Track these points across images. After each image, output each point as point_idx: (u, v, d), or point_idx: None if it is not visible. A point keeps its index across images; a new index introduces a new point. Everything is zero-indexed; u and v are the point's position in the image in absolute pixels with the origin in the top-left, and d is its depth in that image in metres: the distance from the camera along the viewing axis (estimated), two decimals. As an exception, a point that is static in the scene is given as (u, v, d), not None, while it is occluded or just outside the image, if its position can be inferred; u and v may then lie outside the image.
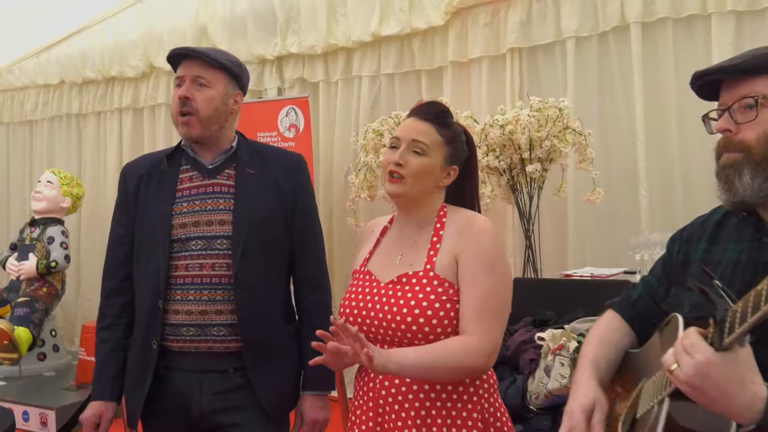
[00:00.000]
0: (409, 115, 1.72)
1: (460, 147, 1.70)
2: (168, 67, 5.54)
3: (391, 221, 1.81)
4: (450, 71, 4.22)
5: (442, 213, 1.67)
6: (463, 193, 1.73)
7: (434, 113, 1.68)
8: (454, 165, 1.68)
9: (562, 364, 2.45)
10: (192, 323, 1.91)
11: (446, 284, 1.55)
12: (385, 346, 1.57)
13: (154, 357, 1.93)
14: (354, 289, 1.69)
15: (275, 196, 2.00)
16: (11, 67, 6.41)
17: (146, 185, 2.05)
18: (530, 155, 3.38)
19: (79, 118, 6.12)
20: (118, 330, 2.02)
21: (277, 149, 2.18)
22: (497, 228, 1.67)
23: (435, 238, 1.63)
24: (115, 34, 5.65)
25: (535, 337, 2.58)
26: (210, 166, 2.02)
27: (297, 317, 2.07)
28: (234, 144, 2.06)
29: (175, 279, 1.94)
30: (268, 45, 4.88)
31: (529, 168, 3.37)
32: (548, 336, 2.55)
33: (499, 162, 3.43)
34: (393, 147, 1.68)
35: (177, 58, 2.03)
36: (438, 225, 1.65)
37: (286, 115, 4.46)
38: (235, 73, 2.04)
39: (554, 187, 3.52)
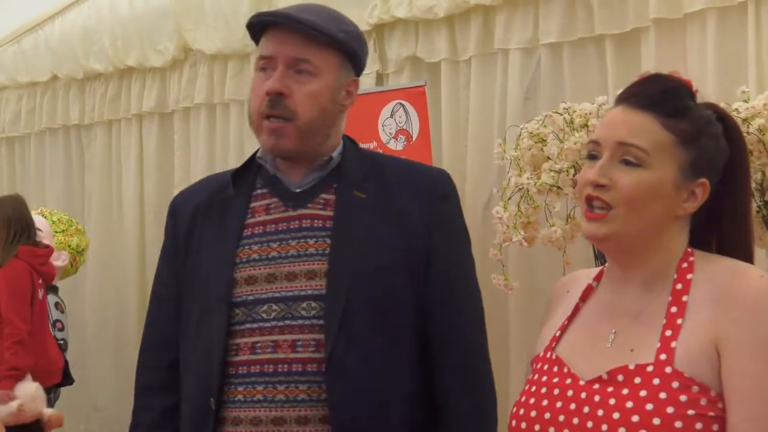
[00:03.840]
0: (616, 103, 1.68)
1: (710, 144, 1.64)
2: (213, 48, 5.64)
3: (598, 276, 1.77)
4: (652, 35, 4.14)
5: (685, 265, 1.62)
6: (719, 225, 1.68)
7: (656, 94, 1.63)
8: (700, 178, 1.62)
9: None
10: None
11: (695, 388, 1.48)
12: None
13: None
14: (533, 389, 1.66)
15: (399, 235, 2.01)
16: (-20, 58, 6.79)
17: (204, 220, 2.10)
18: (796, 166, 3.25)
19: (80, 131, 6.39)
20: None
21: (406, 162, 2.22)
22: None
23: (674, 308, 1.57)
24: (133, 2, 5.89)
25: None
26: (297, 190, 2.06)
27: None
28: (336, 154, 2.09)
29: (236, 367, 1.96)
30: (363, 9, 4.94)
31: (794, 187, 3.24)
32: None
33: (742, 178, 3.33)
34: (591, 157, 1.65)
35: (262, 25, 2.05)
36: (679, 286, 1.59)
37: (391, 116, 4.50)
38: (352, 50, 2.06)
39: (840, 218, 3.35)
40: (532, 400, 1.63)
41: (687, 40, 4.09)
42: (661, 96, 1.62)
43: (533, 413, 1.61)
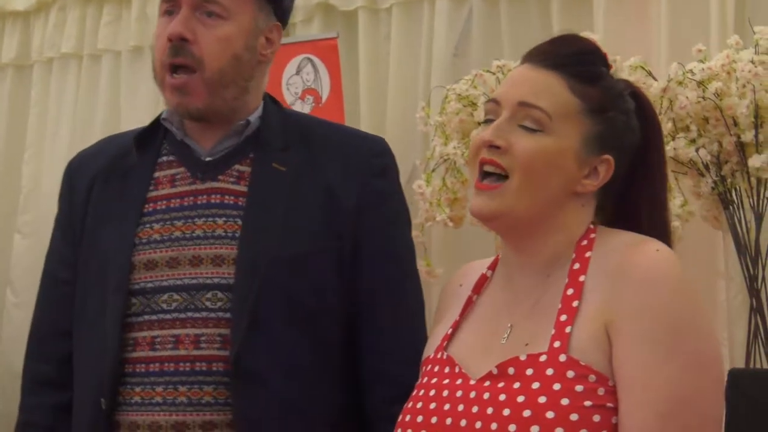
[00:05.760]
0: (522, 61, 1.73)
1: (620, 119, 1.70)
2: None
3: (493, 265, 1.82)
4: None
5: (585, 243, 1.67)
6: (634, 210, 1.73)
7: (567, 54, 1.69)
8: (604, 153, 1.68)
9: None
10: None
11: (592, 377, 1.53)
12: None
13: None
14: (422, 393, 1.70)
15: (324, 216, 2.01)
16: None
17: (102, 191, 2.09)
18: (756, 137, 3.35)
19: None
20: None
21: (338, 128, 2.22)
22: (697, 271, 1.64)
23: (571, 290, 1.61)
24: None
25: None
26: (208, 159, 2.06)
27: None
28: (254, 117, 2.08)
29: (133, 364, 1.97)
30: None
31: (754, 161, 3.34)
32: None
33: (697, 151, 3.41)
34: (488, 120, 1.69)
35: None
36: (577, 266, 1.64)
37: (297, 72, 4.51)
38: None
39: (804, 196, 3.47)
40: (419, 404, 1.66)
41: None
42: (573, 57, 1.68)
43: (420, 418, 1.64)
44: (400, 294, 2.07)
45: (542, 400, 1.51)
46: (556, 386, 1.51)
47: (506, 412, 1.53)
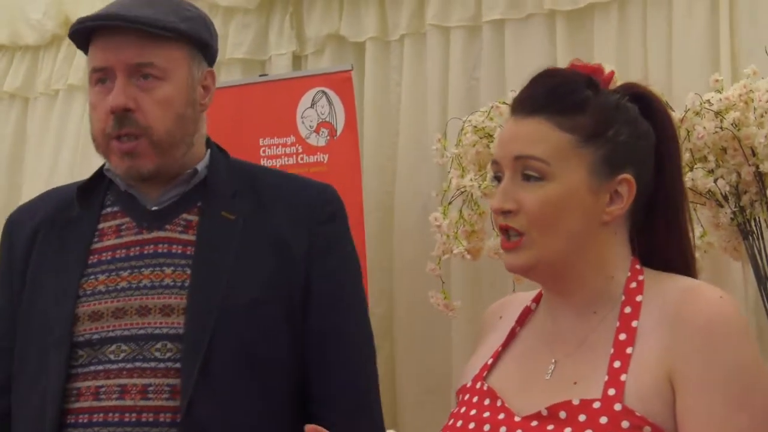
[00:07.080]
0: (509, 115, 1.72)
1: (624, 132, 1.66)
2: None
3: (537, 298, 1.80)
4: (614, 12, 4.24)
5: (634, 285, 1.64)
6: (651, 226, 1.70)
7: (543, 94, 1.66)
8: (621, 173, 1.64)
9: None
10: None
11: (647, 429, 1.50)
12: None
13: None
14: (460, 424, 1.67)
15: (274, 265, 2.02)
16: None
17: (43, 243, 2.07)
18: (775, 166, 3.37)
19: None
20: None
21: (286, 176, 2.22)
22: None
23: (623, 335, 1.59)
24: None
25: None
26: (154, 208, 2.06)
27: None
28: (202, 165, 2.09)
29: (76, 415, 1.96)
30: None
31: (774, 191, 3.37)
32: None
33: (716, 181, 3.45)
34: (497, 178, 1.69)
35: (88, 30, 2.03)
36: (628, 309, 1.61)
37: (312, 105, 4.48)
38: (200, 40, 2.07)
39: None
40: None
41: (650, 21, 4.17)
42: (550, 94, 1.64)
43: None
44: (348, 341, 2.08)
45: None
46: None
47: None
